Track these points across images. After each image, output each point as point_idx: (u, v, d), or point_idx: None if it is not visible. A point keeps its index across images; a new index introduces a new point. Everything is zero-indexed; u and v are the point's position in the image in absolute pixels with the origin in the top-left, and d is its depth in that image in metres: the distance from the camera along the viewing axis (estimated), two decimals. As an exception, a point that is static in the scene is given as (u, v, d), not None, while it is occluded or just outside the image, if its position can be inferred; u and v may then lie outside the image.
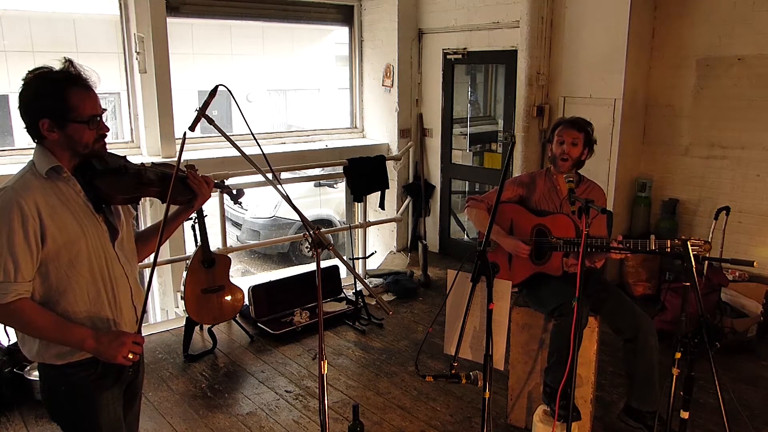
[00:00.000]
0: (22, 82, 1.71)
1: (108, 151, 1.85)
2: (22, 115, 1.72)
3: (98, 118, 1.75)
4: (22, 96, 1.71)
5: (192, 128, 1.95)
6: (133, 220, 2.04)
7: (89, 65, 1.78)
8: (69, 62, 1.74)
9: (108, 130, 1.79)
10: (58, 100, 1.68)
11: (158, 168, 1.96)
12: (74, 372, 1.79)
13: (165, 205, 1.88)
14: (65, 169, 1.74)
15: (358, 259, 5.70)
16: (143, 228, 2.16)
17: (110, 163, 1.83)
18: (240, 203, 2.29)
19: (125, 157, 1.90)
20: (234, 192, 2.25)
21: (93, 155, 1.78)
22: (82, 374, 1.79)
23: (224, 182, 2.25)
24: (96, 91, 1.75)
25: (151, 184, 1.90)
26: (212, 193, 2.08)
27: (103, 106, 1.79)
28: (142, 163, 1.93)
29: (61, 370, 1.79)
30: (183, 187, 1.98)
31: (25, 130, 1.74)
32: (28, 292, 1.71)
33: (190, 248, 4.28)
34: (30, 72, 1.71)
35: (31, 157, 1.78)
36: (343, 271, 5.18)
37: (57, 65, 1.73)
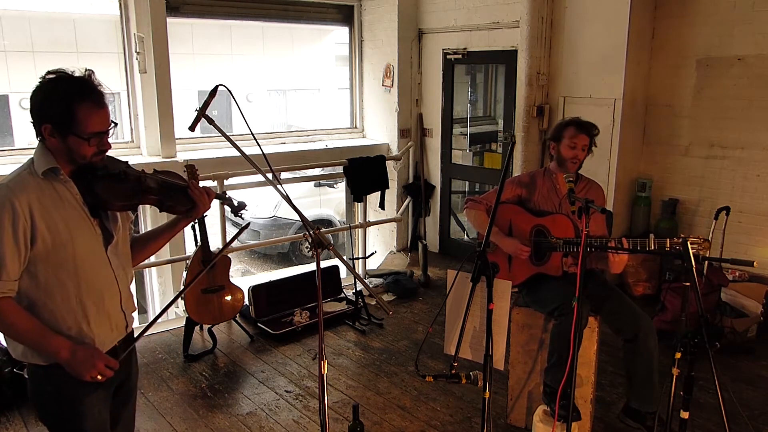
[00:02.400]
0: (39, 81, 1.69)
1: (109, 155, 1.84)
2: (30, 113, 1.71)
3: (103, 135, 1.74)
4: (34, 95, 1.69)
5: (192, 128, 1.95)
6: (132, 225, 2.04)
7: (89, 65, 1.76)
8: (90, 73, 1.72)
9: (109, 147, 1.78)
10: (65, 110, 1.66)
11: (159, 176, 1.95)
12: (60, 373, 1.78)
13: (159, 212, 1.88)
14: (62, 171, 1.73)
15: (358, 259, 5.70)
16: (141, 232, 2.16)
17: (111, 168, 1.82)
18: (241, 216, 2.28)
19: (127, 162, 1.89)
20: (236, 204, 2.24)
21: (89, 166, 1.77)
22: (68, 376, 1.78)
23: (226, 193, 2.23)
24: (106, 109, 1.73)
25: (150, 192, 1.88)
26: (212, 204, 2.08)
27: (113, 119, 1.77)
28: (143, 170, 1.93)
29: (47, 371, 1.79)
30: (182, 196, 1.97)
31: (31, 124, 1.73)
32: (13, 292, 1.70)
33: (190, 248, 4.28)
34: (49, 72, 1.70)
35: (31, 156, 1.77)
36: (343, 271, 5.18)
37: (78, 72, 1.71)
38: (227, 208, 5.61)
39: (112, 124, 1.76)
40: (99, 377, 1.76)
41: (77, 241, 1.75)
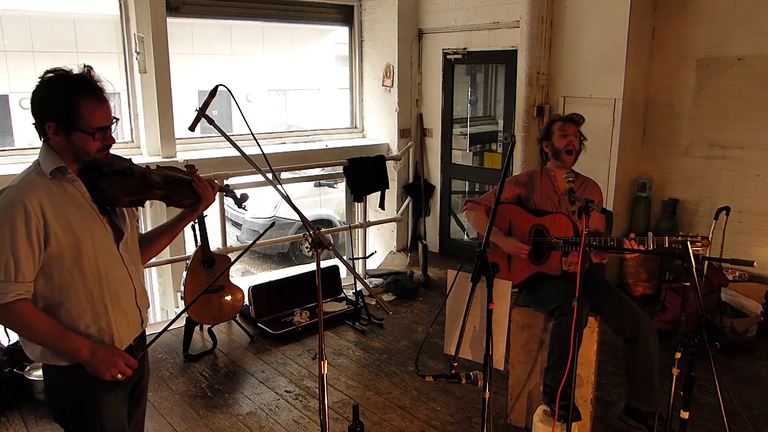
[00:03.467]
0: (38, 81, 1.70)
1: (113, 153, 1.85)
2: (32, 113, 1.72)
3: (107, 129, 1.74)
4: (35, 95, 1.70)
5: (192, 128, 1.95)
6: (137, 222, 2.04)
7: (89, 65, 1.77)
8: (89, 69, 1.73)
9: (113, 141, 1.79)
10: (67, 107, 1.67)
11: (163, 171, 1.96)
12: (79, 373, 1.78)
13: (167, 207, 1.88)
14: (70, 170, 1.74)
15: (358, 259, 5.70)
16: (146, 230, 2.17)
17: (116, 166, 1.82)
18: (244, 207, 2.28)
19: (131, 159, 1.90)
20: (238, 196, 2.24)
21: (95, 163, 1.77)
22: (87, 376, 1.78)
23: (228, 186, 2.24)
24: (108, 104, 1.74)
25: (155, 187, 1.89)
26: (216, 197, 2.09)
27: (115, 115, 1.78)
28: (147, 166, 1.93)
29: (66, 371, 1.79)
30: (187, 190, 1.98)
31: (33, 126, 1.74)
32: (29, 293, 1.70)
33: (190, 248, 4.28)
34: (48, 71, 1.70)
35: (33, 157, 1.78)
36: (343, 271, 5.18)
37: (77, 69, 1.71)
38: (227, 206, 5.57)
39: (114, 120, 1.77)
40: (119, 376, 1.77)
41: (90, 240, 1.75)
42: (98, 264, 1.77)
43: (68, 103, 1.67)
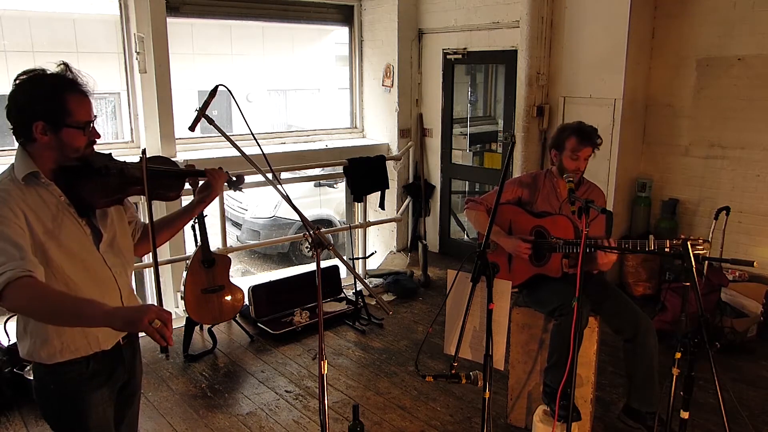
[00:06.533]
0: (15, 83, 1.67)
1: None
2: (12, 116, 1.68)
3: (91, 124, 1.74)
4: (15, 97, 1.66)
5: (192, 128, 1.95)
6: (134, 213, 2.02)
7: (89, 65, 1.77)
8: (66, 66, 1.71)
9: (99, 136, 1.78)
10: (56, 103, 1.65)
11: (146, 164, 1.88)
12: (64, 371, 1.78)
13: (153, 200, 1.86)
14: (42, 174, 1.70)
15: (358, 259, 5.70)
16: (162, 215, 2.15)
17: (92, 164, 1.77)
18: (240, 189, 2.27)
19: (110, 154, 1.86)
20: (234, 179, 2.22)
21: (81, 159, 1.75)
22: (71, 374, 1.78)
23: (227, 172, 2.20)
24: (90, 98, 1.73)
25: (136, 183, 1.84)
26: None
27: (102, 108, 1.77)
28: (124, 162, 1.87)
29: (51, 369, 1.78)
30: (173, 182, 1.95)
31: (12, 131, 1.70)
32: (36, 268, 1.59)
33: (190, 248, 4.28)
34: (24, 73, 1.68)
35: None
36: (343, 271, 5.18)
37: (52, 68, 1.70)
38: (228, 206, 5.56)
39: (95, 116, 1.76)
40: (157, 322, 1.56)
41: (69, 244, 1.72)
42: (79, 267, 1.75)
43: (57, 99, 1.65)
